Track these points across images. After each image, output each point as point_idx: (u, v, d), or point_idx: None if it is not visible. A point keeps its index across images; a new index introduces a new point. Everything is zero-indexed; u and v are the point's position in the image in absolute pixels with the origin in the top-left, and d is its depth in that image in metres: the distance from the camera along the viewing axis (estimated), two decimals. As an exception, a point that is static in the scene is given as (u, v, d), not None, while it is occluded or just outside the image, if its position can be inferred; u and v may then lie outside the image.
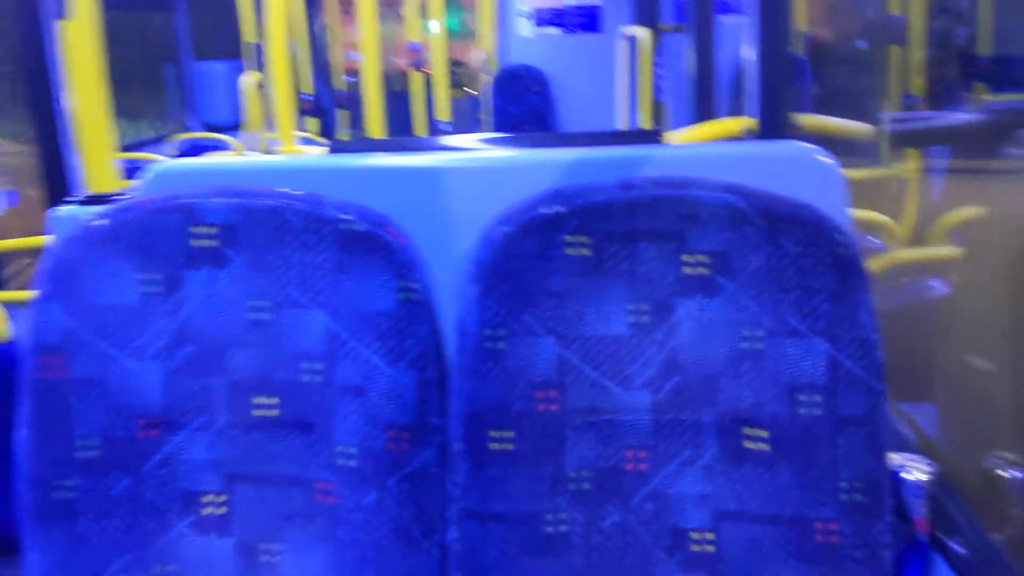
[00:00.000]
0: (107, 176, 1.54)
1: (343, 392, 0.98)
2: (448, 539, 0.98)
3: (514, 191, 0.99)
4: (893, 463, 0.97)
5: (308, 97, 4.06)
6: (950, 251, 2.12)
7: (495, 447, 0.96)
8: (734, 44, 2.04)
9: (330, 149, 1.28)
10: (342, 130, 4.79)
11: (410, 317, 0.97)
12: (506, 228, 0.95)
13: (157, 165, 1.14)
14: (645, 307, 0.96)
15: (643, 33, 3.20)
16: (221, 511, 1.00)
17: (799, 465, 0.94)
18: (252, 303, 0.99)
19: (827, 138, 1.44)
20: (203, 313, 0.99)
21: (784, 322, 0.94)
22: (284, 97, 2.29)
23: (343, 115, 4.79)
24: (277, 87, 2.27)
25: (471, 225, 1.01)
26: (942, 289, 1.96)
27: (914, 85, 3.52)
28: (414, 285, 0.97)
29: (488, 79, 5.19)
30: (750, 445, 0.95)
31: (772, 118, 1.37)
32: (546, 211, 0.95)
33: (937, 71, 3.84)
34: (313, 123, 4.08)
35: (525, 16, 5.36)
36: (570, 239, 0.95)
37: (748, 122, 1.41)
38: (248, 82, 3.16)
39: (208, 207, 0.98)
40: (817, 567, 0.94)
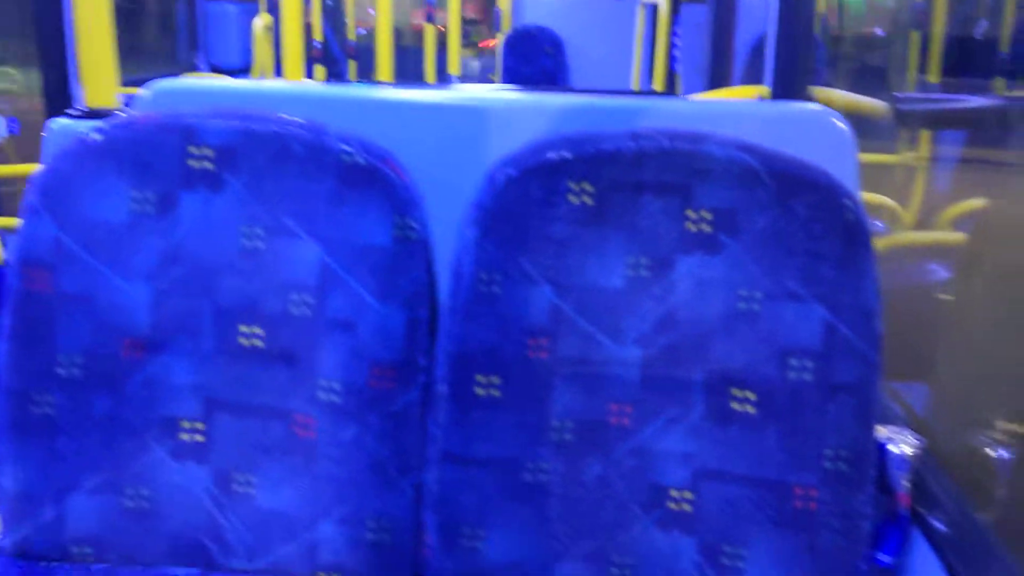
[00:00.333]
0: (108, 99, 1.52)
1: (331, 326, 0.96)
2: (425, 480, 0.97)
3: (522, 134, 0.97)
4: (880, 435, 0.96)
5: (318, 44, 4.01)
6: (953, 236, 2.10)
7: (480, 392, 0.95)
8: (754, 18, 2.01)
9: None
10: (351, 80, 4.74)
11: (405, 255, 0.96)
12: (510, 171, 0.94)
13: (157, 83, 1.12)
14: (644, 261, 0.94)
15: (663, 1, 3.16)
16: (199, 438, 0.99)
17: (785, 429, 0.93)
18: (246, 229, 0.97)
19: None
20: (196, 236, 0.97)
21: (784, 285, 0.92)
22: (295, 42, 2.26)
23: (352, 65, 4.74)
24: (288, 32, 2.24)
25: (475, 166, 0.99)
26: (942, 273, 1.95)
27: (931, 72, 3.49)
28: (412, 223, 0.96)
29: (500, 37, 5.14)
30: (737, 407, 0.94)
31: (787, 88, 1.35)
32: (552, 156, 0.93)
33: (955, 60, 3.80)
34: (321, 71, 4.04)
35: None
36: (574, 186, 0.93)
37: (762, 90, 1.39)
38: (260, 25, 3.12)
39: (207, 128, 0.96)
40: (793, 533, 0.93)
